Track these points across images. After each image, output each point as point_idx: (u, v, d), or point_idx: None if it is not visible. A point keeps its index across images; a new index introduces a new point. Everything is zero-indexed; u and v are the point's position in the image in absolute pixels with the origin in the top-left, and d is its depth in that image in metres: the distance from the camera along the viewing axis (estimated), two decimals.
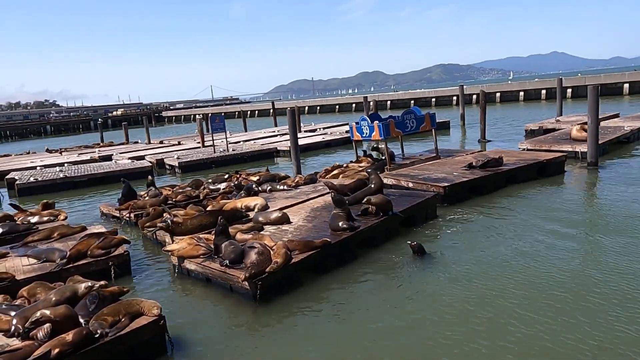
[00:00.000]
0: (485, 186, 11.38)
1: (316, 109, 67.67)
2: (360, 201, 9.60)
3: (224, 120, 23.08)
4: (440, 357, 5.08)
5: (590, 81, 44.14)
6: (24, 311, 5.49)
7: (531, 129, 21.77)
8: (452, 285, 6.63)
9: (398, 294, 6.63)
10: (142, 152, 26.42)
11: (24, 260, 7.97)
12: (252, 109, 78.70)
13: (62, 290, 5.85)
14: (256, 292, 6.48)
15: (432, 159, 14.54)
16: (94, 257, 7.85)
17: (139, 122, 77.64)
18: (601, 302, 5.81)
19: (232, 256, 7.02)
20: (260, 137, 29.67)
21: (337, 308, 6.36)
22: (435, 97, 56.42)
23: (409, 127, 14.35)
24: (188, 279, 7.71)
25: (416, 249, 7.69)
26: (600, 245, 7.68)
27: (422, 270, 7.26)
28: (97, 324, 5.16)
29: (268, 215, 9.33)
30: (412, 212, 9.31)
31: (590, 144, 13.40)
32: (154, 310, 5.49)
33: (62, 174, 19.20)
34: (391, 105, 58.17)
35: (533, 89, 49.84)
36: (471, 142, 22.04)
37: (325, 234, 8.03)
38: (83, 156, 26.63)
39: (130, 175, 17.55)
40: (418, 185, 11.32)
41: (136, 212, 11.17)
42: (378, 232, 8.53)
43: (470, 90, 48.12)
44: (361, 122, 14.56)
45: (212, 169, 20.18)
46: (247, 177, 13.84)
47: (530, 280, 6.56)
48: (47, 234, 9.30)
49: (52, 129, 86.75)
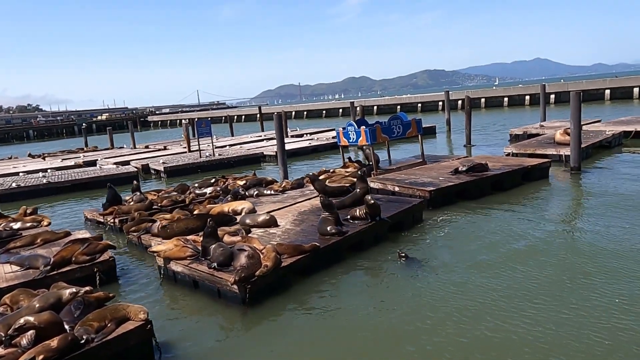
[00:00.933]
0: (470, 191, 11.50)
1: (303, 114, 67.76)
2: (347, 206, 9.64)
3: (210, 124, 23.00)
4: (426, 359, 5.11)
5: (572, 87, 44.94)
6: (6, 318, 5.38)
7: (516, 133, 22.05)
8: (438, 289, 6.67)
9: (386, 298, 6.65)
10: (128, 157, 26.14)
11: (6, 268, 7.82)
12: (239, 113, 78.48)
13: (46, 297, 5.76)
14: (245, 295, 6.45)
15: (419, 164, 14.65)
16: (79, 263, 7.74)
17: (124, 127, 76.89)
18: (584, 306, 5.89)
19: (221, 258, 6.97)
20: (247, 142, 29.59)
21: (326, 312, 6.37)
22: (422, 103, 56.89)
23: (396, 132, 14.44)
24: (174, 282, 7.64)
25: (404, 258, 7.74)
26: (583, 249, 7.79)
27: (409, 275, 7.29)
28: (83, 330, 5.10)
29: (255, 218, 9.30)
30: (399, 217, 9.36)
31: (573, 148, 13.62)
32: (141, 314, 5.43)
33: (45, 179, 18.91)
34: (378, 111, 58.46)
35: (517, 94, 50.56)
36: (457, 147, 22.27)
37: (313, 238, 8.03)
38: (67, 161, 26.26)
39: (115, 180, 17.35)
40: (404, 189, 11.39)
41: (120, 217, 11.06)
42: (366, 237, 8.56)
43: (456, 95, 48.66)
44: (348, 127, 14.62)
45: (198, 174, 20.06)
46: (233, 181, 13.79)
47: (513, 284, 6.62)
48: (30, 240, 9.16)
49: (35, 133, 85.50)
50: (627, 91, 43.84)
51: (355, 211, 8.93)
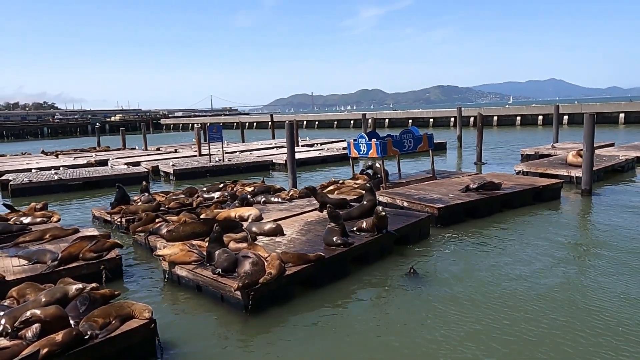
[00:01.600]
0: (480, 209, 11.42)
1: (314, 124, 67.96)
2: (354, 217, 9.63)
3: (222, 130, 23.15)
4: None
5: (586, 109, 44.67)
6: (13, 311, 5.45)
7: (527, 153, 21.95)
8: (442, 307, 6.61)
9: (389, 313, 6.63)
10: (139, 158, 26.39)
11: (15, 261, 7.91)
12: (251, 120, 78.91)
13: (52, 292, 5.82)
14: (248, 302, 6.44)
15: (429, 179, 14.61)
16: (86, 260, 7.80)
17: (136, 129, 77.67)
18: (593, 329, 5.81)
19: (225, 264, 6.98)
20: (257, 149, 29.73)
21: (328, 323, 6.34)
22: (433, 118, 56.86)
23: (407, 146, 14.44)
24: (178, 285, 7.66)
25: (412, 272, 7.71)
26: (592, 272, 7.70)
27: (414, 290, 7.25)
28: (88, 325, 5.15)
29: (261, 226, 9.31)
30: (406, 231, 9.33)
31: (585, 170, 13.52)
32: (145, 313, 5.48)
33: (57, 176, 19.13)
34: (389, 124, 58.52)
35: (530, 114, 50.38)
36: (467, 164, 22.18)
37: (319, 248, 8.02)
38: (79, 160, 26.57)
39: (125, 180, 17.52)
40: (413, 205, 11.36)
41: (127, 216, 11.15)
42: (372, 249, 8.53)
43: (468, 112, 48.61)
44: (359, 139, 14.65)
45: (207, 178, 20.17)
46: (242, 187, 13.84)
47: (519, 306, 6.52)
48: (39, 235, 9.25)
49: (49, 131, 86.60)
50: None
51: (362, 223, 8.92)
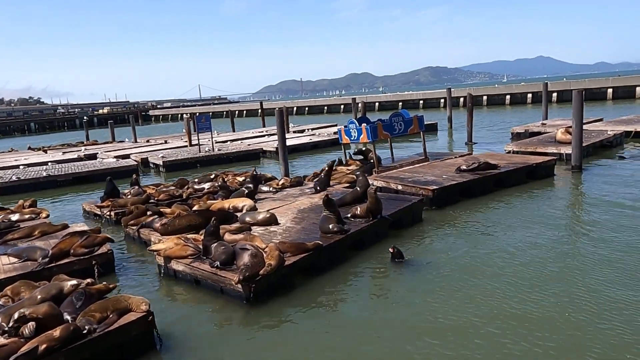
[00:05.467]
0: (474, 189, 11.42)
1: (304, 110, 67.62)
2: (347, 203, 9.59)
3: (210, 119, 22.93)
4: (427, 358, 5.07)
5: (575, 86, 44.74)
6: (8, 309, 5.40)
7: (517, 131, 21.98)
8: (438, 289, 6.62)
9: (388, 298, 6.64)
10: (128, 150, 26.12)
11: (4, 259, 7.79)
12: (241, 108, 78.32)
13: (47, 288, 5.78)
14: (249, 294, 6.41)
15: (421, 161, 14.57)
16: (77, 255, 7.71)
17: (125, 121, 76.80)
18: (586, 305, 5.84)
19: (223, 257, 6.91)
20: (248, 137, 29.52)
21: (328, 310, 6.33)
22: (423, 100, 56.78)
23: (397, 129, 14.36)
24: (175, 279, 7.58)
25: (395, 255, 7.64)
26: (589, 246, 7.73)
27: (410, 273, 7.25)
28: (85, 320, 5.13)
29: (255, 216, 9.24)
30: (399, 215, 9.31)
31: (575, 147, 13.54)
32: (142, 306, 5.45)
33: (46, 172, 18.87)
34: (379, 107, 58.34)
35: (519, 92, 50.42)
36: (458, 144, 22.19)
37: (315, 236, 7.98)
38: (68, 155, 26.24)
39: (115, 174, 17.27)
40: (407, 188, 11.33)
41: (117, 210, 11.04)
42: (367, 235, 8.51)
43: (458, 93, 48.51)
44: (349, 125, 14.55)
45: (197, 169, 20.01)
46: (233, 177, 13.73)
47: (514, 284, 6.56)
48: (27, 232, 9.13)
49: (36, 126, 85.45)
50: (630, 90, 43.67)
51: (356, 209, 8.88)
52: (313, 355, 5.38)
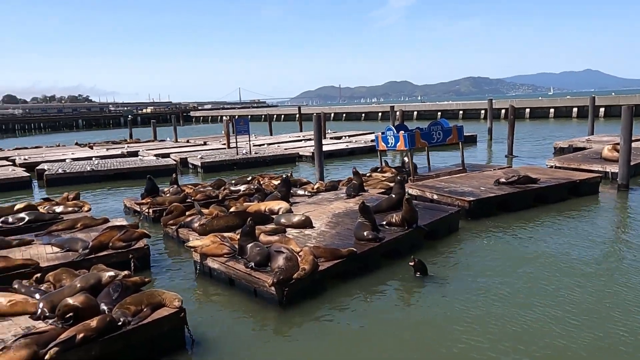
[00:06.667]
0: (513, 203, 11.08)
1: (342, 116, 67.63)
2: (382, 210, 9.50)
3: (249, 122, 23.26)
4: None
5: (624, 101, 42.90)
6: (50, 296, 5.63)
7: (560, 146, 21.26)
8: (472, 303, 6.46)
9: (421, 308, 6.52)
10: (168, 150, 26.79)
11: (48, 249, 8.12)
12: (279, 112, 79.11)
13: (86, 278, 5.97)
14: (282, 297, 6.43)
15: (459, 172, 14.30)
16: (115, 249, 7.94)
17: (167, 121, 78.89)
18: (626, 334, 5.55)
19: (258, 258, 6.96)
20: (285, 142, 29.76)
21: (360, 319, 6.27)
22: (463, 110, 55.75)
23: (436, 138, 14.16)
24: (210, 277, 7.68)
25: (417, 268, 7.39)
26: (630, 271, 7.35)
27: (445, 286, 7.10)
28: (120, 312, 5.25)
29: (290, 218, 9.27)
30: (435, 225, 9.14)
31: (622, 165, 12.97)
32: (175, 302, 5.54)
33: (90, 167, 19.59)
34: (418, 116, 57.70)
35: (564, 106, 48.79)
36: (498, 157, 21.65)
37: (349, 242, 7.95)
38: (111, 151, 27.18)
39: (155, 172, 17.75)
40: (443, 198, 11.13)
41: (155, 208, 11.31)
42: (402, 245, 8.41)
43: (500, 104, 47.44)
44: (387, 132, 14.46)
45: (234, 171, 20.30)
46: (269, 180, 13.85)
47: (549, 307, 6.21)
48: (70, 224, 9.47)
49: (83, 123, 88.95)
50: None
51: (392, 217, 8.78)
52: None
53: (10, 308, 5.55)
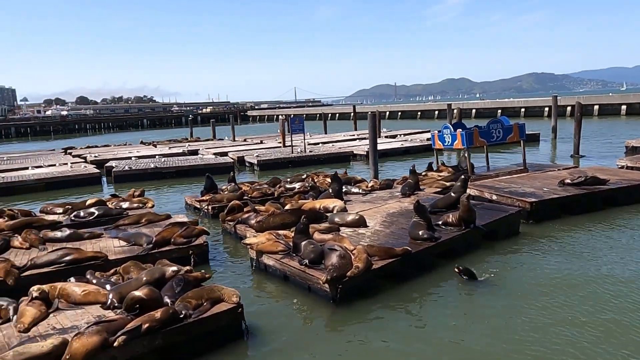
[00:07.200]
0: (578, 205, 10.50)
1: (397, 115, 66.86)
2: (439, 210, 9.31)
3: (304, 121, 23.51)
4: None
5: None
6: (119, 287, 5.98)
7: (633, 145, 19.89)
8: (530, 309, 6.19)
9: (475, 311, 6.33)
10: (227, 148, 27.58)
11: (115, 242, 8.60)
12: (333, 111, 79.37)
13: (152, 272, 6.29)
14: (336, 294, 6.47)
15: (520, 171, 13.75)
16: (177, 244, 8.28)
17: (225, 120, 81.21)
18: None
19: (312, 256, 7.04)
20: (339, 140, 29.82)
21: (414, 319, 6.21)
22: (525, 107, 53.47)
23: (495, 137, 13.70)
24: (265, 274, 7.85)
25: (463, 274, 7.19)
26: None
27: (501, 290, 6.85)
28: (182, 306, 5.49)
29: (344, 217, 9.28)
30: (494, 226, 8.85)
31: None
32: (234, 297, 5.72)
33: (153, 164, 20.55)
34: (476, 114, 55.99)
35: (638, 102, 45.64)
36: (563, 156, 20.58)
37: (403, 242, 7.86)
38: (173, 149, 28.36)
39: (213, 169, 18.36)
40: (502, 198, 10.73)
41: (214, 204, 11.68)
42: (458, 245, 8.21)
43: (565, 101, 45.11)
44: (443, 130, 14.16)
45: (289, 169, 20.58)
46: (323, 178, 13.94)
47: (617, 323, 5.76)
48: (135, 219, 9.98)
49: (148, 122, 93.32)
50: None
51: (449, 217, 8.59)
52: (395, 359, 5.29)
53: (83, 297, 5.95)
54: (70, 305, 5.86)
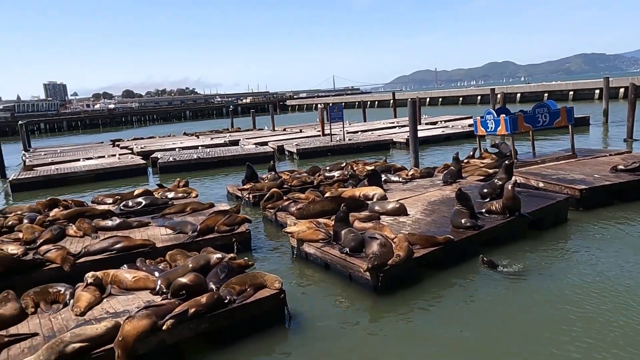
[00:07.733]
0: (632, 192, 10.01)
1: (438, 101, 65.51)
2: (484, 197, 9.11)
3: (343, 110, 23.43)
4: None
5: None
6: (167, 274, 6.24)
7: None
8: (572, 302, 6.01)
9: (520, 300, 6.19)
10: (267, 138, 27.87)
11: (162, 230, 8.91)
12: (372, 99, 78.63)
13: (197, 259, 6.51)
14: (377, 283, 6.47)
15: (568, 157, 13.22)
16: (220, 232, 8.50)
17: (265, 110, 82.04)
18: None
19: (353, 244, 7.06)
20: (378, 128, 29.56)
21: (456, 309, 6.13)
22: (574, 90, 51.19)
23: (541, 121, 13.20)
24: (306, 261, 7.95)
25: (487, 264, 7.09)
26: None
27: (548, 279, 6.67)
28: (227, 291, 5.67)
29: (385, 205, 9.23)
30: (540, 214, 8.58)
31: None
32: (276, 284, 5.86)
33: (196, 155, 21.06)
34: (521, 99, 54.08)
35: None
36: (615, 141, 19.63)
37: (445, 230, 7.76)
38: (215, 140, 28.93)
39: (254, 159, 18.60)
40: (550, 185, 10.38)
41: (254, 193, 11.89)
42: (503, 233, 8.03)
43: (617, 82, 42.83)
44: (486, 115, 13.76)
45: (328, 157, 20.60)
46: (363, 166, 13.89)
47: None
48: (180, 208, 10.29)
49: (190, 114, 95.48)
50: None
51: (492, 205, 8.40)
52: (437, 349, 5.26)
53: (134, 283, 6.23)
54: (122, 290, 6.16)
